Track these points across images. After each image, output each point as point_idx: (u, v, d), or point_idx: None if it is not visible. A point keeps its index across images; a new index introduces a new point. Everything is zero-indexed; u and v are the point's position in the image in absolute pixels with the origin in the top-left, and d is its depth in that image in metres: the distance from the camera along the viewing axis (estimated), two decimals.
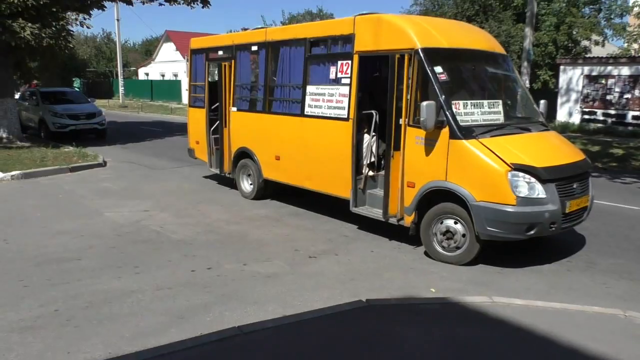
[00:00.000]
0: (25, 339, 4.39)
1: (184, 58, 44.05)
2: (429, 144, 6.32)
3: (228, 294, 5.39)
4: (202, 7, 19.05)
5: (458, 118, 6.17)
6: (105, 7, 18.38)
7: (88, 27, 19.01)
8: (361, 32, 7.20)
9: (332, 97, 7.66)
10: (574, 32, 24.78)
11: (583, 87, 22.45)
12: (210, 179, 11.65)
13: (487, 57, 7.39)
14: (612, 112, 21.63)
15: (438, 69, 6.37)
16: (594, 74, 22.12)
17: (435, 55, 6.48)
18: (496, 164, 5.86)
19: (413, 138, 6.49)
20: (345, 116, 7.42)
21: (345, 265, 6.35)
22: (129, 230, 7.66)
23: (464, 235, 6.23)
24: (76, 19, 17.67)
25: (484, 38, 7.72)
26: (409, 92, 6.51)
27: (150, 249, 6.85)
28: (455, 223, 6.27)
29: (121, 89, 40.39)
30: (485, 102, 6.67)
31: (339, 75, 7.57)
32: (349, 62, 7.37)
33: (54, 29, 15.13)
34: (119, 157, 14.76)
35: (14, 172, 11.47)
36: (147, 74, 52.20)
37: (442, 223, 6.38)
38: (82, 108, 18.85)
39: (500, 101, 6.89)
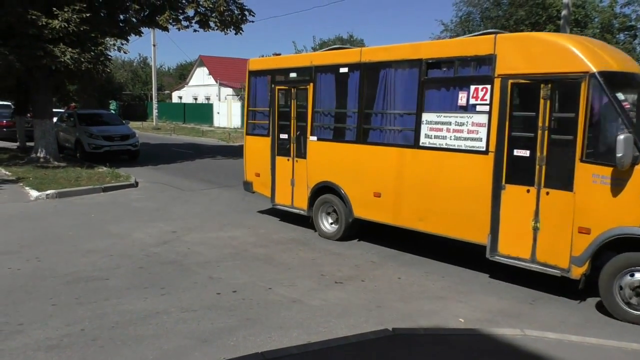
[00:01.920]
0: (50, 358, 4.43)
1: (216, 82, 45.10)
2: (617, 184, 5.36)
3: (252, 318, 5.34)
4: (235, 34, 19.48)
5: None
6: (142, 32, 19.08)
7: (125, 52, 19.66)
8: (505, 52, 6.26)
9: (462, 127, 6.65)
10: None
11: None
12: (239, 202, 11.72)
13: None
14: None
15: (620, 96, 5.62)
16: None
17: (612, 80, 5.64)
18: None
19: (589, 176, 5.55)
20: (483, 149, 6.43)
21: (372, 292, 6.25)
22: (156, 251, 7.73)
23: None
24: (114, 44, 18.27)
25: (632, 60, 6.90)
26: (581, 122, 5.60)
27: (177, 270, 6.88)
28: None
29: (155, 112, 41.39)
30: None
31: (472, 101, 6.56)
32: (487, 86, 6.39)
33: (92, 53, 15.68)
34: (151, 178, 15.02)
35: (49, 191, 11.77)
36: (180, 97, 53.45)
37: (632, 276, 5.41)
38: (116, 130, 19.36)
39: None
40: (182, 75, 61.58)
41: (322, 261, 7.45)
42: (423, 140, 7.06)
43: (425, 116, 7.05)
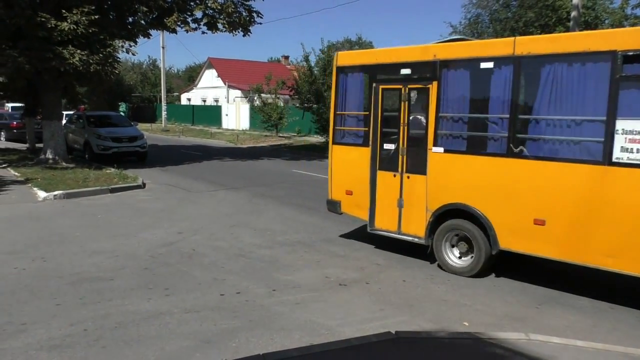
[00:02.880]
0: (52, 358, 4.44)
1: (225, 84, 45.23)
2: None
3: (255, 320, 5.33)
4: (243, 35, 19.55)
5: None
6: (151, 35, 19.17)
7: (134, 54, 19.80)
8: None
9: None
10: None
11: None
12: (245, 204, 11.72)
13: None
14: None
15: None
16: None
17: None
18: None
19: None
20: None
21: (376, 295, 6.21)
22: (162, 252, 7.73)
23: None
24: (122, 46, 18.38)
25: None
26: None
27: (182, 272, 6.88)
28: None
29: (164, 114, 41.61)
30: None
31: None
32: None
33: (101, 55, 15.78)
34: (158, 179, 15.07)
35: (56, 192, 11.84)
36: (189, 99, 53.71)
37: None
38: (124, 131, 19.48)
39: None
40: (191, 77, 61.94)
41: (326, 263, 7.42)
42: (618, 155, 5.61)
43: (622, 124, 5.58)
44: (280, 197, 12.41)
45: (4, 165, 16.60)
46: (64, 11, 14.78)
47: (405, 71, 7.46)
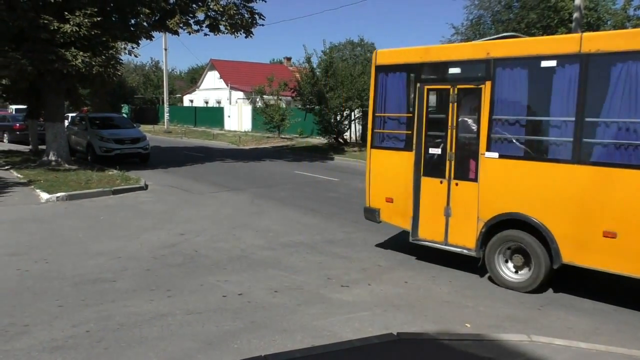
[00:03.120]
0: (54, 359, 4.45)
1: (227, 86, 45.28)
2: None
3: (257, 321, 5.33)
4: (245, 37, 19.60)
5: None
6: (153, 36, 19.21)
7: (136, 56, 20.10)
8: None
9: None
10: None
11: None
12: (247, 205, 11.72)
13: None
14: None
15: None
16: None
17: None
18: None
19: None
20: None
21: (378, 296, 6.20)
22: (164, 254, 7.74)
23: None
24: (125, 48, 18.42)
25: None
26: None
27: (184, 273, 6.89)
28: None
29: (166, 115, 41.66)
30: None
31: None
32: None
33: (103, 57, 15.81)
34: (160, 181, 15.09)
35: (59, 194, 11.86)
36: (191, 101, 53.77)
37: None
38: (127, 133, 19.52)
39: None
40: (193, 79, 62.00)
41: (329, 264, 7.42)
42: None
43: None
44: (283, 199, 12.41)
45: (6, 167, 16.65)
46: (66, 13, 14.82)
47: (455, 70, 7.01)
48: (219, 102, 48.64)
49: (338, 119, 25.67)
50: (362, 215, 8.27)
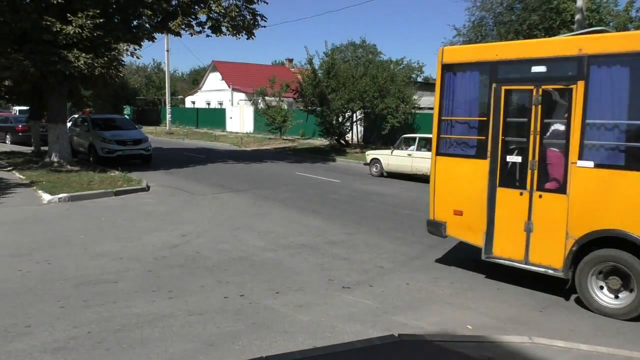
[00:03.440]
0: None
1: (229, 87, 45.32)
2: None
3: (259, 322, 5.33)
4: (247, 39, 19.63)
5: None
6: (155, 38, 19.25)
7: (138, 58, 19.96)
8: None
9: None
10: None
11: None
12: (249, 207, 11.73)
13: None
14: None
15: None
16: None
17: None
18: None
19: None
20: None
21: (379, 298, 6.20)
22: (165, 255, 7.75)
23: None
24: (127, 50, 18.45)
25: None
26: None
27: (185, 274, 6.89)
28: None
29: (168, 117, 41.71)
30: None
31: None
32: None
33: (106, 58, 15.86)
34: (162, 182, 15.11)
35: (61, 195, 11.89)
36: (193, 102, 53.80)
37: None
38: (129, 134, 19.55)
39: None
40: (195, 80, 62.06)
41: (330, 266, 7.42)
42: None
43: None
44: (284, 200, 12.42)
45: (9, 168, 16.68)
46: (69, 15, 14.86)
47: (538, 69, 6.24)
48: (220, 104, 48.66)
49: (340, 121, 25.67)
50: (362, 216, 8.27)
